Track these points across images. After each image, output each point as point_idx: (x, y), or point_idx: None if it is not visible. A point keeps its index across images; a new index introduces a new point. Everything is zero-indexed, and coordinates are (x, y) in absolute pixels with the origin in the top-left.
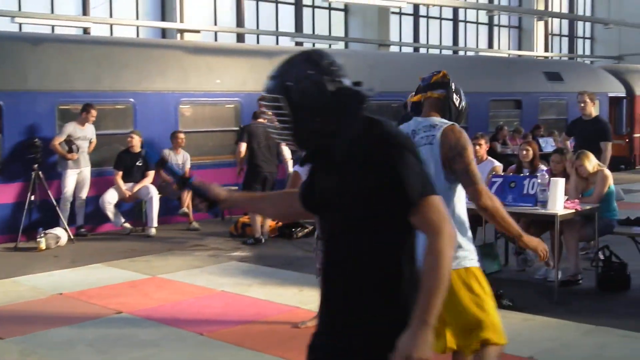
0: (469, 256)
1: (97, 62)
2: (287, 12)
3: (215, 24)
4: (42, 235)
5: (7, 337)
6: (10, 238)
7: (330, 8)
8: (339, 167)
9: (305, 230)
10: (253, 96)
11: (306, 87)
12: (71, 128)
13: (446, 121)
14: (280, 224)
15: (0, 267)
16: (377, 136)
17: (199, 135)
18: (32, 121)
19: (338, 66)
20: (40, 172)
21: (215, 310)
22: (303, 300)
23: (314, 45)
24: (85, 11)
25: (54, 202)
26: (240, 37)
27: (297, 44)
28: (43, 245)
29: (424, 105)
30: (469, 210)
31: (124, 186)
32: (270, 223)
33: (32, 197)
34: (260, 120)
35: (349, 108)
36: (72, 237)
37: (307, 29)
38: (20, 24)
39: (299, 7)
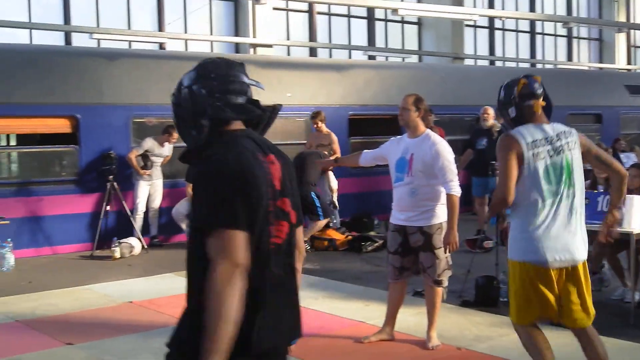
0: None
1: (171, 77)
2: (359, 26)
3: (288, 39)
4: (117, 244)
5: (76, 342)
6: (87, 247)
7: (403, 22)
8: None
9: (375, 245)
10: (325, 109)
11: (184, 95)
12: (150, 144)
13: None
14: (350, 237)
15: (76, 275)
16: (200, 159)
17: None
18: (108, 133)
19: (231, 80)
20: (115, 183)
21: None
22: (368, 315)
23: (386, 59)
24: (160, 27)
25: (128, 213)
26: (312, 51)
27: (370, 57)
28: (117, 254)
29: (539, 113)
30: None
31: None
32: (340, 236)
33: (107, 208)
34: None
35: (200, 124)
36: (145, 246)
37: (379, 42)
38: (98, 40)
39: (371, 20)
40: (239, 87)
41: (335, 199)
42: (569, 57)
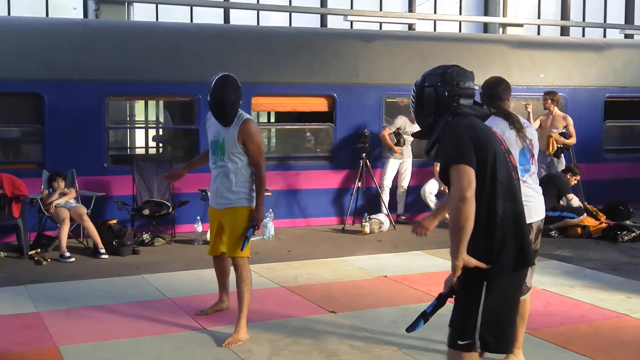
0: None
1: (423, 57)
2: (616, 3)
3: (539, 17)
4: (367, 219)
5: (339, 311)
6: (336, 220)
7: None
8: None
9: (632, 235)
10: (579, 91)
11: (428, 92)
12: (402, 122)
13: None
14: (604, 225)
15: (332, 247)
16: (430, 136)
17: None
18: (362, 112)
19: (466, 87)
20: (367, 161)
21: (536, 309)
22: (632, 308)
23: None
24: (411, 8)
25: (378, 190)
26: (564, 30)
27: (627, 36)
28: (367, 230)
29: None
30: None
31: None
32: (594, 223)
33: (359, 184)
34: None
35: (441, 116)
36: (393, 223)
37: (638, 20)
38: (351, 22)
39: None
40: (470, 92)
41: None
42: None
